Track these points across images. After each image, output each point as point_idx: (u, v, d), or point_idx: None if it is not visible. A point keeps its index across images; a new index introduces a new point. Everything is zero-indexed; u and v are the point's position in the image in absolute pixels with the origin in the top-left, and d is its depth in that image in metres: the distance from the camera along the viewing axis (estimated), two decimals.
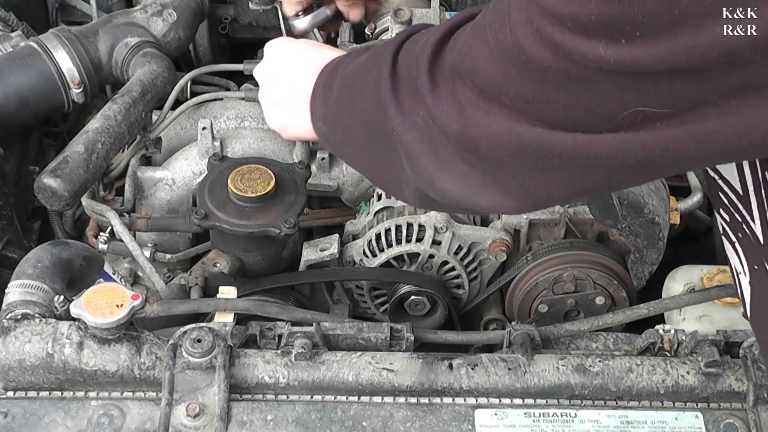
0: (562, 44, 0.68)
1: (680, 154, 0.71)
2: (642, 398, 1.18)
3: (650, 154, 0.71)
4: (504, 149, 0.78)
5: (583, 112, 0.72)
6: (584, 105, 0.71)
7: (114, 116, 1.42)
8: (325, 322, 1.23)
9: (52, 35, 1.54)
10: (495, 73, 0.76)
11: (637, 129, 0.70)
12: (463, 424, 1.15)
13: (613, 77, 0.68)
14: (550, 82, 0.71)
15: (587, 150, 0.73)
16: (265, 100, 1.25)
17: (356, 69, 1.01)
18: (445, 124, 0.82)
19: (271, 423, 1.14)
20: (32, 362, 1.13)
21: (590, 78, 0.69)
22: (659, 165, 0.73)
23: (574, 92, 0.71)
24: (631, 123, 0.70)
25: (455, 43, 0.84)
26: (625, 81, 0.68)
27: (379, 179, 1.08)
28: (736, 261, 0.94)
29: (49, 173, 1.33)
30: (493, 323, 1.51)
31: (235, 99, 1.61)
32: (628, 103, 0.69)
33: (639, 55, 0.65)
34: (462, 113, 0.80)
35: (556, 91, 0.72)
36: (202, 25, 1.79)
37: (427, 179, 0.89)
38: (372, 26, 1.78)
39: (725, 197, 0.90)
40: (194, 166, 1.53)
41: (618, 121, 0.71)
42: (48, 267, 1.23)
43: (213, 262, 1.42)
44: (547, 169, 0.77)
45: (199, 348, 1.14)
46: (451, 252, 1.45)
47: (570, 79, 0.70)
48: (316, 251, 1.46)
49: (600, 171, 0.75)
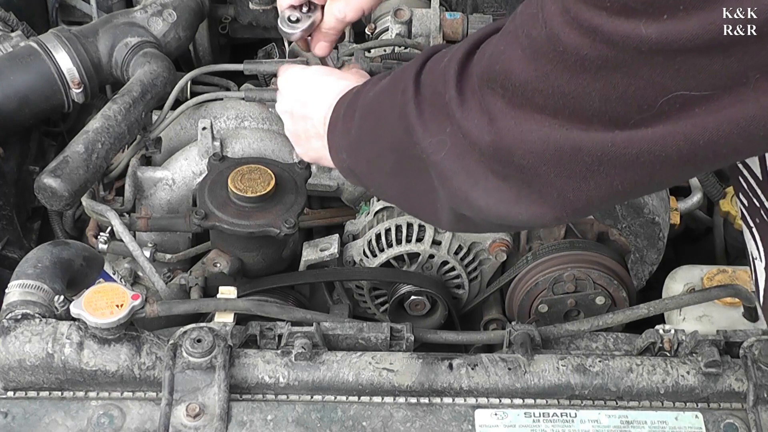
0: (600, 28, 0.68)
1: (723, 145, 0.70)
2: (642, 398, 1.18)
3: (693, 146, 0.71)
4: (540, 157, 0.77)
5: (621, 102, 0.71)
6: (622, 93, 0.71)
7: (114, 116, 1.42)
8: (325, 322, 1.23)
9: (52, 35, 1.54)
10: (528, 72, 0.75)
11: (676, 118, 0.70)
12: (463, 424, 1.15)
13: (652, 59, 0.68)
14: (586, 71, 0.71)
15: (628, 149, 0.73)
16: (291, 137, 1.22)
17: (377, 96, 1.00)
18: (477, 137, 0.81)
19: (271, 423, 1.14)
20: (32, 362, 1.13)
21: (629, 62, 0.69)
22: (702, 158, 0.72)
23: (612, 80, 0.70)
24: (670, 110, 0.70)
25: (483, 53, 0.83)
26: (663, 62, 0.68)
27: (410, 206, 1.04)
28: (753, 246, 0.94)
29: (49, 173, 1.33)
30: (493, 323, 1.51)
31: (235, 99, 1.61)
32: (667, 87, 0.69)
33: (681, 29, 0.65)
34: (494, 124, 0.79)
35: (593, 80, 0.71)
36: (202, 25, 1.79)
37: (461, 197, 0.87)
38: (372, 26, 1.78)
39: (744, 182, 0.89)
40: (194, 166, 1.53)
41: (656, 109, 0.70)
42: (48, 267, 1.23)
43: (213, 262, 1.42)
44: (586, 174, 0.76)
45: (199, 348, 1.14)
46: (451, 252, 1.45)
47: (608, 66, 0.70)
48: (316, 251, 1.46)
49: (641, 170, 0.74)
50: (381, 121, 0.97)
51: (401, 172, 0.96)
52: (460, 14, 1.73)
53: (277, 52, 1.87)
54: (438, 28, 1.69)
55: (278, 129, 1.60)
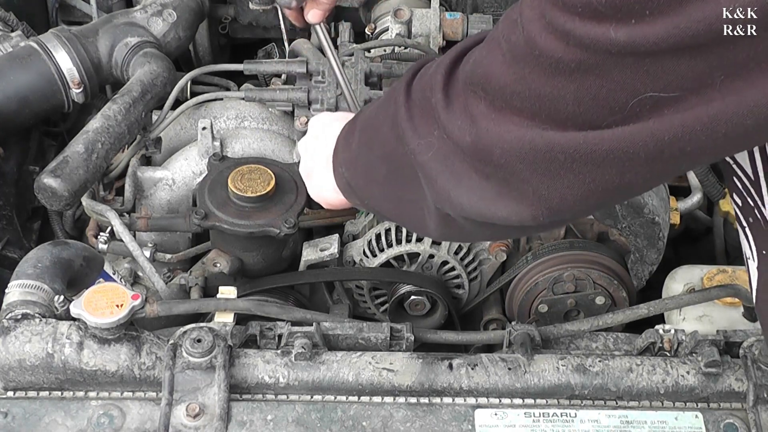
0: (573, 32, 0.71)
1: (688, 142, 0.72)
2: (642, 398, 1.18)
3: (660, 143, 0.73)
4: (516, 155, 0.80)
5: (594, 104, 0.74)
6: (594, 95, 0.73)
7: (114, 116, 1.42)
8: (325, 322, 1.23)
9: (52, 35, 1.54)
10: (507, 76, 0.79)
11: (646, 118, 0.73)
12: (463, 424, 1.15)
13: (622, 61, 0.71)
14: (561, 74, 0.74)
15: (598, 146, 0.75)
16: (304, 174, 1.25)
17: (374, 109, 1.04)
18: (459, 137, 0.85)
19: (271, 423, 1.14)
20: (32, 362, 1.13)
21: (600, 65, 0.72)
22: (669, 156, 0.75)
23: (585, 82, 0.73)
24: (640, 112, 0.73)
25: (468, 59, 0.87)
26: (634, 64, 0.70)
27: (400, 214, 1.08)
28: (746, 246, 0.95)
29: (49, 173, 1.33)
30: (493, 323, 1.51)
31: (235, 99, 1.61)
32: (637, 89, 0.72)
33: (648, 33, 0.68)
34: (475, 125, 0.83)
35: (567, 83, 0.74)
36: (202, 25, 1.79)
37: (444, 197, 0.91)
38: (372, 26, 1.78)
39: (738, 182, 0.91)
40: (194, 166, 1.53)
41: (627, 111, 0.73)
42: (48, 267, 1.23)
43: (213, 262, 1.42)
44: (559, 171, 0.79)
45: (199, 348, 1.14)
46: (451, 252, 1.45)
47: (580, 69, 0.73)
48: (316, 251, 1.46)
49: (611, 168, 0.77)
50: (376, 131, 1.01)
51: (393, 180, 1.00)
52: (460, 14, 1.73)
53: (277, 52, 1.87)
54: (438, 28, 1.69)
55: (278, 129, 1.60)
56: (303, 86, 1.53)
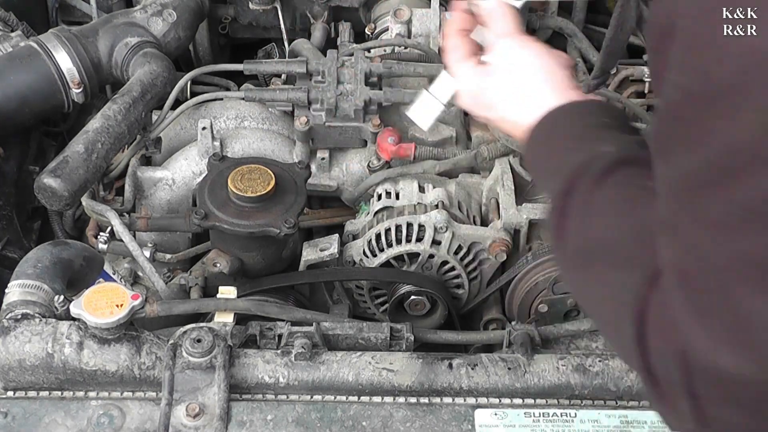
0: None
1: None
2: (642, 398, 1.18)
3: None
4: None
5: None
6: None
7: (114, 116, 1.42)
8: (325, 322, 1.23)
9: (52, 35, 1.54)
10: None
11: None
12: (463, 423, 1.15)
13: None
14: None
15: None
16: (477, 103, 1.11)
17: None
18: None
19: (271, 423, 1.14)
20: (32, 362, 1.13)
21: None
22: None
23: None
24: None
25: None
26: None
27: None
28: None
29: (49, 173, 1.33)
30: (493, 323, 1.51)
31: (235, 99, 1.61)
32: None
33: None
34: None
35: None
36: (202, 25, 1.79)
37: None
38: (372, 26, 1.79)
39: None
40: (194, 166, 1.53)
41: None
42: (48, 267, 1.23)
43: (213, 262, 1.42)
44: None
45: (199, 348, 1.14)
46: (451, 252, 1.45)
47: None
48: (316, 251, 1.46)
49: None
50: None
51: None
52: None
53: (277, 52, 1.87)
54: (438, 28, 1.69)
55: (278, 129, 1.60)
56: (303, 86, 1.53)
